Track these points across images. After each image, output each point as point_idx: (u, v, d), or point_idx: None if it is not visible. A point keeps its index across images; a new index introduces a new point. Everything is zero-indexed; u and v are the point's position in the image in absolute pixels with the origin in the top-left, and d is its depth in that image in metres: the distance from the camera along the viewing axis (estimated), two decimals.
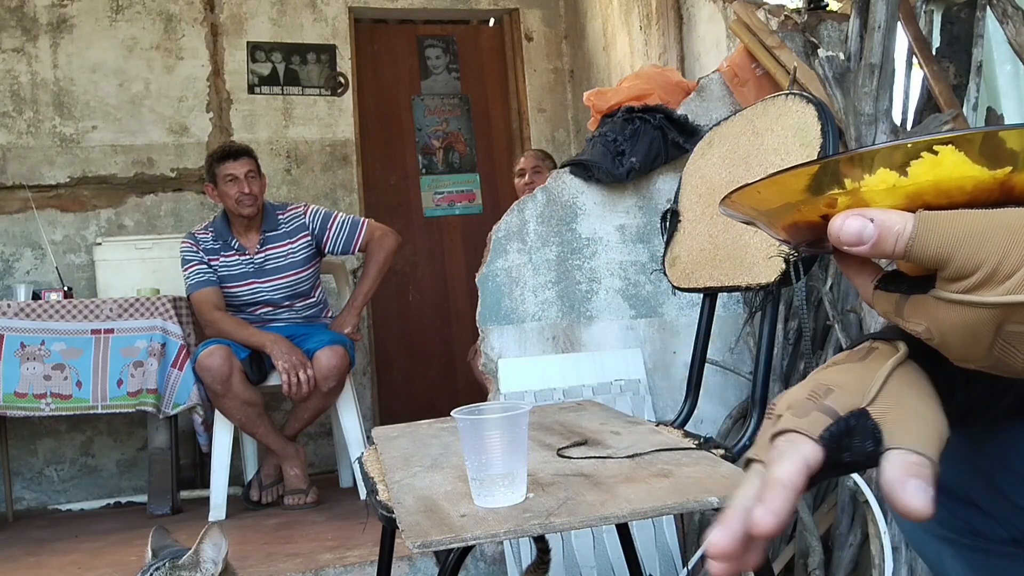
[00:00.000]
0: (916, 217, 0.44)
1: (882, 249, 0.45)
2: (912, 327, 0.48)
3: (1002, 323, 0.44)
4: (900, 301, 0.49)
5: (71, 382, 2.78)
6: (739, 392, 2.26)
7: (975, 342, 0.46)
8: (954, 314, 0.45)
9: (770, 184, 0.48)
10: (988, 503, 0.79)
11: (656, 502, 0.90)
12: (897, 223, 0.44)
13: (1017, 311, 0.43)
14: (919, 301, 0.47)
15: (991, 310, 0.44)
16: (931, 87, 1.98)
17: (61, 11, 3.72)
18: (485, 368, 2.17)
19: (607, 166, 2.20)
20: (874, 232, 0.45)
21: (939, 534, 0.81)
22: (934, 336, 0.47)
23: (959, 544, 0.81)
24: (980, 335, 0.45)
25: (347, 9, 4.08)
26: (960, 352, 0.47)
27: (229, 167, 2.80)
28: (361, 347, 3.87)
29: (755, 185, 0.49)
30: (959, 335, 0.46)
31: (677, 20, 3.10)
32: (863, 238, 0.45)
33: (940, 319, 0.46)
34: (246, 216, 2.82)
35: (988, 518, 0.79)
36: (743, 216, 0.54)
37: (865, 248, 0.45)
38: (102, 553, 2.40)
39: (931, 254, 0.44)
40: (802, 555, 1.90)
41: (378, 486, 1.09)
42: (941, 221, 0.44)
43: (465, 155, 4.38)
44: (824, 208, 0.47)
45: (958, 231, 0.44)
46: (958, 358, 0.48)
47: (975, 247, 0.43)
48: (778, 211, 0.50)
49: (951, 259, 0.44)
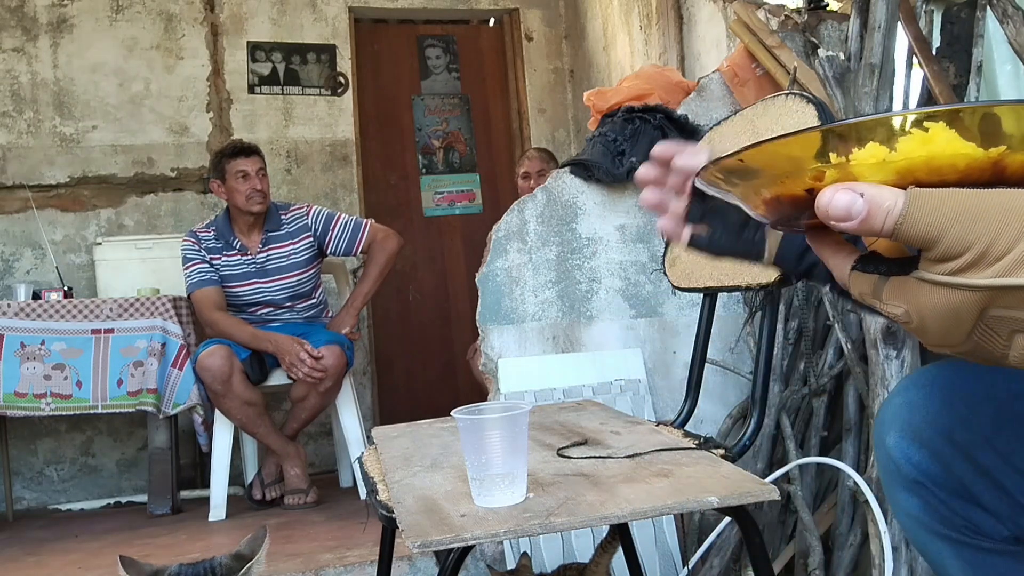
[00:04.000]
0: (907, 194, 0.43)
1: (870, 225, 0.44)
2: (890, 310, 0.47)
3: (986, 307, 0.43)
4: (879, 283, 0.47)
5: (71, 382, 2.78)
6: (739, 392, 2.26)
7: (956, 326, 0.44)
8: (937, 297, 0.44)
9: (755, 154, 0.47)
10: (991, 501, 0.79)
11: (656, 502, 0.90)
12: (888, 199, 0.43)
13: (1003, 295, 0.42)
14: (899, 283, 0.46)
15: (977, 293, 0.42)
16: (931, 87, 1.98)
17: (61, 11, 3.72)
18: (485, 368, 2.17)
19: (607, 166, 2.20)
20: (863, 207, 0.43)
21: (940, 533, 0.82)
22: (912, 319, 0.46)
23: (960, 543, 0.81)
24: (962, 319, 0.44)
25: (347, 9, 4.08)
26: (938, 337, 0.46)
27: (241, 163, 2.80)
28: (361, 347, 3.87)
29: (739, 154, 0.47)
30: (940, 319, 0.45)
31: (677, 20, 3.10)
32: (852, 213, 0.44)
33: (921, 302, 0.45)
34: (255, 213, 2.81)
35: (990, 516, 0.79)
36: (722, 190, 0.52)
37: (853, 224, 0.44)
38: (102, 553, 2.40)
39: (920, 233, 0.43)
40: (802, 555, 1.90)
41: (378, 486, 1.09)
42: (932, 199, 0.43)
43: (465, 155, 4.38)
44: (810, 181, 0.45)
45: (949, 210, 0.42)
46: (935, 343, 0.47)
47: (966, 227, 0.42)
48: (761, 183, 0.48)
49: (940, 239, 0.42)
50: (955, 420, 0.80)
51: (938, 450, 0.81)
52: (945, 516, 0.81)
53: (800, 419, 2.06)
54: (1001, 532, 0.80)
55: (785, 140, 0.45)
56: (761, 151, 0.46)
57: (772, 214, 0.50)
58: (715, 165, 0.50)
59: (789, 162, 0.46)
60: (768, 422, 2.04)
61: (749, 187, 0.49)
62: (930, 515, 0.82)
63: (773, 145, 0.46)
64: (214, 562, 1.23)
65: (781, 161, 0.46)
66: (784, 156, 0.46)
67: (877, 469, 1.36)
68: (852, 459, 1.88)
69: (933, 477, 0.81)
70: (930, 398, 0.82)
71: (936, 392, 0.82)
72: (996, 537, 0.80)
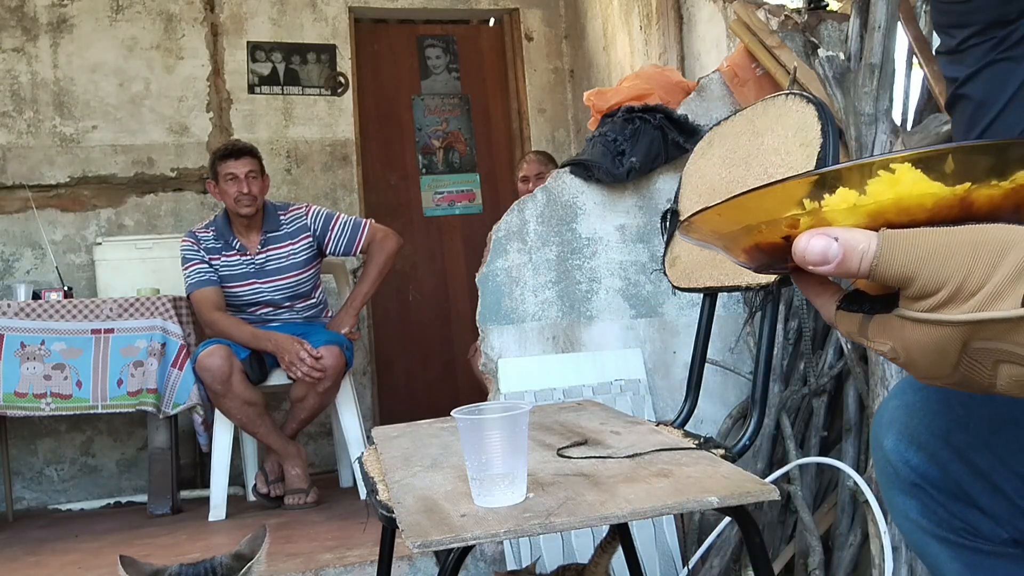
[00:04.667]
0: (879, 236, 0.44)
1: (847, 268, 0.45)
2: (877, 347, 0.48)
3: (968, 340, 0.44)
4: (864, 321, 0.49)
5: (71, 382, 2.78)
6: (739, 392, 2.26)
7: (942, 360, 0.45)
8: (920, 333, 0.45)
9: (731, 207, 0.48)
10: (989, 504, 0.79)
11: (656, 502, 0.90)
12: (861, 242, 0.44)
13: (983, 328, 0.43)
14: (883, 320, 0.47)
15: (957, 328, 0.43)
16: (931, 87, 1.98)
17: (61, 11, 3.72)
18: (485, 368, 2.17)
19: (607, 166, 2.20)
20: (839, 251, 0.45)
21: (939, 535, 0.82)
22: (900, 355, 0.47)
23: (958, 545, 0.81)
24: (947, 353, 0.45)
25: (347, 9, 4.08)
26: (926, 370, 0.47)
27: (230, 166, 2.80)
28: (361, 347, 3.87)
29: (715, 208, 0.49)
30: (925, 353, 0.46)
31: (677, 20, 3.10)
32: (828, 257, 0.45)
33: (905, 338, 0.46)
34: (244, 216, 2.82)
35: (989, 519, 0.79)
36: (703, 241, 0.54)
37: (830, 267, 0.45)
38: (102, 553, 2.40)
39: (895, 273, 0.44)
40: (802, 555, 1.90)
41: (378, 486, 1.09)
42: (904, 239, 0.44)
43: (465, 155, 4.38)
44: (786, 229, 0.47)
45: (921, 249, 0.43)
46: (924, 376, 0.48)
47: (939, 265, 0.43)
48: (739, 233, 0.49)
49: (915, 277, 0.44)
50: (953, 423, 0.80)
51: (936, 453, 0.81)
52: (943, 519, 0.81)
53: (800, 419, 2.06)
54: (999, 535, 0.80)
55: (759, 192, 0.46)
56: (735, 205, 0.48)
57: (753, 261, 0.51)
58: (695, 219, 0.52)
59: (764, 214, 0.47)
60: (768, 422, 2.04)
61: (728, 238, 0.51)
62: (928, 518, 0.82)
63: (747, 199, 0.47)
64: (214, 562, 1.22)
65: (755, 215, 0.48)
66: (756, 211, 0.47)
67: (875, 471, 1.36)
68: (852, 459, 1.88)
69: (931, 480, 0.81)
70: (927, 401, 0.83)
71: (933, 395, 0.82)
72: (994, 540, 0.80)
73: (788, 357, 2.10)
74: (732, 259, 0.53)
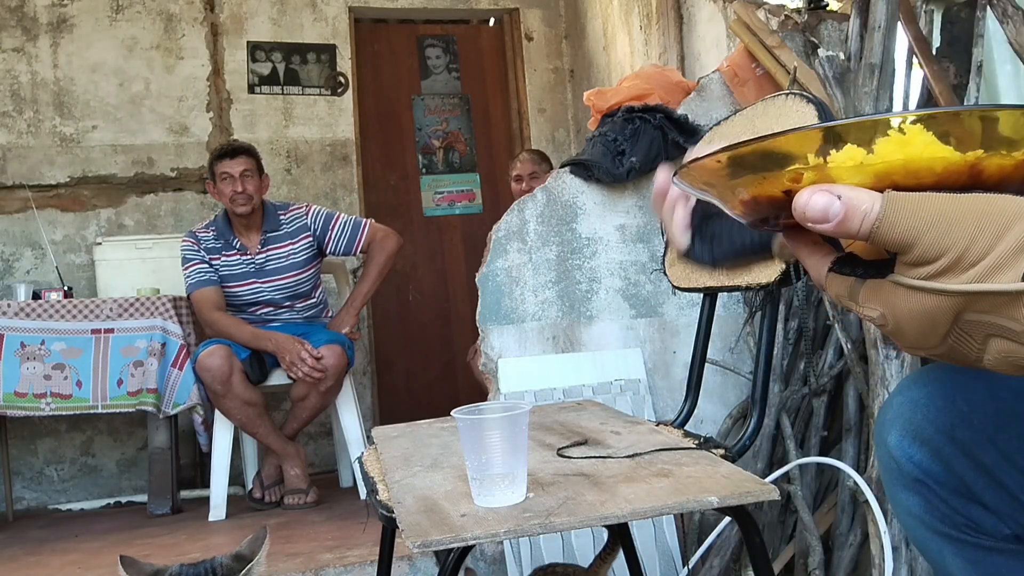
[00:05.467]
0: (884, 197, 0.43)
1: (847, 228, 0.44)
2: (866, 312, 0.47)
3: (962, 312, 0.43)
4: (855, 285, 0.47)
5: (71, 382, 2.78)
6: (739, 392, 2.26)
7: (931, 330, 0.44)
8: (913, 301, 0.44)
9: (731, 157, 0.47)
10: (992, 500, 0.79)
11: (656, 502, 0.90)
12: (864, 202, 0.43)
13: (978, 300, 0.42)
14: (875, 286, 0.46)
15: (952, 298, 0.42)
16: (931, 87, 1.98)
17: (61, 11, 3.72)
18: (485, 368, 2.17)
19: (607, 166, 2.20)
20: (840, 210, 0.43)
21: (941, 531, 0.81)
22: (888, 322, 0.46)
23: (961, 541, 0.81)
24: (937, 323, 0.44)
25: (347, 9, 4.08)
26: (914, 340, 0.46)
27: (225, 165, 2.80)
28: (361, 347, 3.87)
29: (717, 155, 0.47)
30: (915, 322, 0.45)
31: (677, 20, 3.10)
32: (829, 215, 0.43)
33: (897, 305, 0.45)
34: (241, 215, 2.82)
35: (991, 515, 0.79)
36: (699, 190, 0.52)
37: (830, 226, 0.44)
38: (102, 553, 2.40)
39: (896, 237, 0.43)
40: (802, 555, 1.90)
41: (378, 486, 1.09)
42: (909, 203, 0.43)
43: (465, 155, 4.38)
44: (788, 183, 0.45)
45: (925, 214, 0.42)
46: (910, 345, 0.47)
47: (942, 232, 0.42)
48: (739, 184, 0.48)
49: (916, 243, 0.43)
50: (956, 418, 0.80)
51: (939, 448, 0.80)
52: (946, 515, 0.81)
53: (800, 419, 2.06)
54: (1002, 531, 0.80)
55: (765, 142, 0.45)
56: (739, 152, 0.46)
57: (749, 214, 0.50)
58: (693, 165, 0.50)
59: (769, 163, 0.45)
60: (768, 422, 2.04)
61: (726, 187, 0.49)
62: (931, 514, 0.82)
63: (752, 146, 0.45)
64: (214, 562, 1.22)
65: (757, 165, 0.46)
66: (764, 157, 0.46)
67: (878, 468, 1.35)
68: (852, 459, 1.88)
69: (934, 476, 0.81)
70: (931, 396, 0.82)
71: (937, 390, 0.82)
72: (997, 536, 0.80)
73: (788, 357, 2.10)
74: (727, 209, 0.51)
